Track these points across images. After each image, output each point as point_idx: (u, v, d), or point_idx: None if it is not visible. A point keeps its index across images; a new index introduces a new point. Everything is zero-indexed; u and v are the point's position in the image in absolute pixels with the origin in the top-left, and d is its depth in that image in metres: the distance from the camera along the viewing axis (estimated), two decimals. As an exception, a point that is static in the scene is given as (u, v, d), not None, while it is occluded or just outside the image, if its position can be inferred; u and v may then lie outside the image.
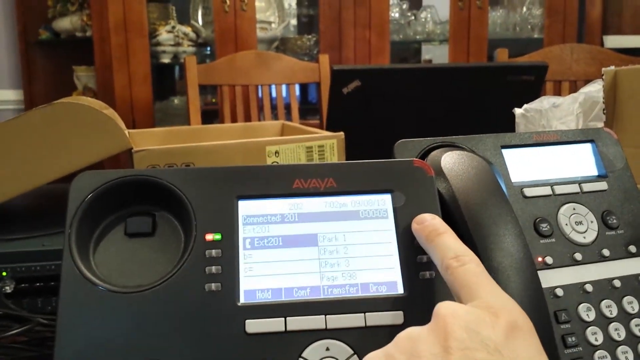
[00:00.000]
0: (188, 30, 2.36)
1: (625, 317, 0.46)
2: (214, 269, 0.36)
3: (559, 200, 0.49)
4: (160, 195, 0.38)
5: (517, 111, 0.71)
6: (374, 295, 0.37)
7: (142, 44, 2.17)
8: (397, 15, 2.46)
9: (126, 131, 0.73)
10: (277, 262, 0.37)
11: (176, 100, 2.44)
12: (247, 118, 1.89)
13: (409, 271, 0.37)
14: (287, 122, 1.04)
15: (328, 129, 1.05)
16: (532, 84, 1.10)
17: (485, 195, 0.41)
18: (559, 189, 0.50)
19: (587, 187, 0.50)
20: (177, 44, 2.33)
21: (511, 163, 0.50)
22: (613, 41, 2.43)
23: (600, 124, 0.66)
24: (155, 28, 2.32)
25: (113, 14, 2.15)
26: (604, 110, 0.65)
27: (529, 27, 2.52)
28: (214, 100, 2.41)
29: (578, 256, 0.47)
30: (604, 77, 0.65)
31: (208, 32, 2.35)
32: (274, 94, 2.00)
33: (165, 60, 2.33)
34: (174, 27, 2.31)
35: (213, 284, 0.36)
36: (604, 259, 0.48)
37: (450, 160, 0.45)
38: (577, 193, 0.50)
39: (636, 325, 0.46)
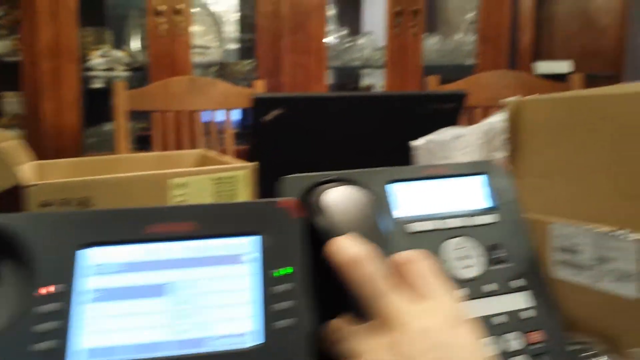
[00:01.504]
0: (122, 54, 2.32)
1: (508, 354, 0.46)
2: (46, 326, 0.34)
3: (445, 234, 0.49)
4: (4, 242, 0.36)
5: (416, 143, 0.71)
6: (227, 349, 0.35)
7: (72, 69, 2.12)
8: (335, 41, 2.48)
9: (28, 164, 0.70)
10: (124, 315, 0.35)
11: (109, 126, 2.38)
12: (180, 145, 1.86)
13: (267, 320, 0.36)
14: (206, 151, 1.02)
15: (251, 158, 1.04)
16: (451, 112, 1.11)
17: (358, 232, 0.40)
18: (445, 223, 0.49)
19: (475, 220, 0.50)
20: (111, 69, 2.28)
21: (396, 198, 0.49)
22: (543, 67, 2.51)
23: (503, 154, 0.67)
24: (88, 52, 2.27)
25: (44, 38, 2.09)
26: (506, 140, 0.66)
27: (463, 53, 2.58)
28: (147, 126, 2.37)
29: (462, 292, 0.47)
30: (507, 107, 0.66)
31: (142, 56, 2.31)
32: (215, 119, 1.97)
33: (98, 85, 2.28)
34: (107, 52, 2.27)
35: (44, 343, 0.33)
36: (490, 293, 0.48)
37: (330, 197, 0.44)
38: (465, 227, 0.50)
39: (517, 364, 0.45)
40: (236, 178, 0.76)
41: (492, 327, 0.46)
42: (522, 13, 2.53)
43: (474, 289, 0.47)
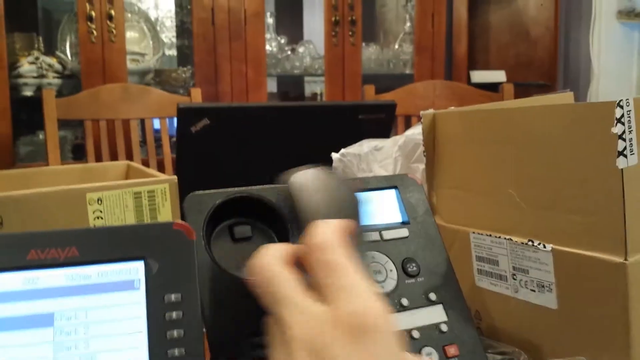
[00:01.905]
0: (53, 61, 2.24)
1: (422, 370, 0.46)
2: None
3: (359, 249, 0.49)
4: None
5: (334, 156, 0.70)
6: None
7: (1, 76, 2.03)
8: (274, 49, 2.47)
9: None
10: (4, 348, 0.32)
11: (42, 135, 2.30)
12: (114, 155, 1.81)
13: (158, 349, 0.34)
14: (132, 163, 0.99)
15: (177, 171, 1.02)
16: (382, 121, 1.12)
17: None
18: (359, 238, 0.49)
19: (387, 234, 0.50)
20: (42, 76, 2.20)
21: (311, 213, 0.49)
22: (478, 76, 2.58)
23: (422, 166, 0.67)
24: (18, 59, 2.19)
25: (-32, 44, 2.00)
26: (424, 152, 0.66)
27: (401, 63, 2.62)
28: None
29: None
30: (422, 120, 0.66)
31: (75, 63, 2.24)
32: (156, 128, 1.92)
33: (28, 93, 2.19)
34: (37, 58, 2.19)
35: None
36: (403, 308, 0.48)
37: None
38: (377, 241, 0.50)
39: (433, 378, 0.45)
40: (156, 192, 0.74)
41: (408, 341, 0.46)
42: (456, 23, 2.59)
43: (390, 303, 0.47)
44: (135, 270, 0.35)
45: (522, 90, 2.25)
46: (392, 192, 0.53)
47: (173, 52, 2.62)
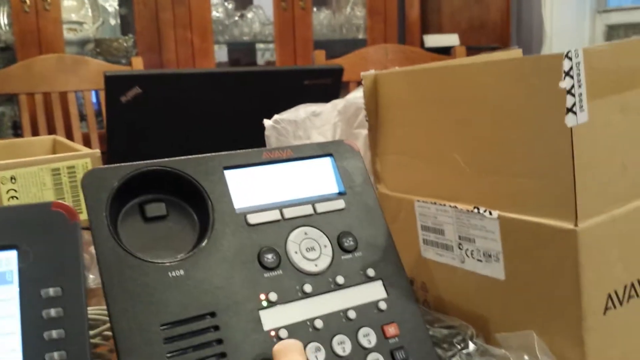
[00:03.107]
0: (-15, 32, 2.10)
1: (360, 353, 0.42)
2: None
3: (289, 225, 0.44)
4: None
5: (267, 122, 0.65)
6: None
7: None
8: (221, 15, 2.37)
9: None
10: None
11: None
12: (52, 129, 1.71)
13: (34, 352, 0.29)
14: (59, 137, 0.91)
15: (109, 144, 0.95)
16: (329, 87, 1.07)
17: None
18: (289, 212, 0.44)
19: (321, 207, 0.45)
20: (-27, 48, 2.07)
21: (235, 186, 0.44)
22: (432, 40, 2.54)
23: (365, 132, 0.63)
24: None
25: None
26: (366, 117, 0.62)
27: (354, 28, 2.55)
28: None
29: (308, 287, 0.42)
30: (363, 82, 0.62)
31: (9, 35, 2.11)
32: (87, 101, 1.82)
33: (-41, 66, 2.06)
34: (-33, 29, 2.05)
35: None
36: (339, 287, 0.43)
37: None
38: (310, 215, 0.45)
39: (373, 360, 0.41)
40: (77, 168, 0.67)
41: (345, 323, 0.42)
42: (409, -14, 2.54)
43: (322, 282, 0.43)
44: (7, 260, 0.30)
45: (474, 53, 2.23)
46: (326, 160, 0.48)
47: (117, 20, 2.49)
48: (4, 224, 0.30)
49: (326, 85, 1.07)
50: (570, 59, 0.41)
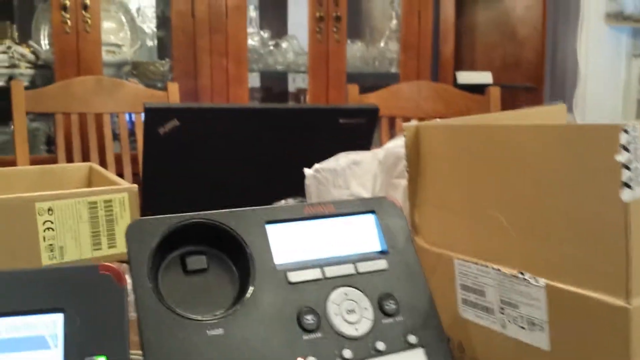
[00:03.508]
0: (26, 51, 2.15)
1: (397, 423, 0.40)
2: None
3: (330, 284, 0.43)
4: None
5: (307, 172, 0.64)
6: None
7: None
8: (256, 44, 2.40)
9: None
10: None
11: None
12: (85, 150, 1.73)
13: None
14: (95, 165, 0.92)
15: (144, 175, 0.95)
16: (364, 126, 1.06)
17: None
18: (331, 271, 0.43)
19: (363, 267, 0.45)
20: (13, 66, 2.11)
21: (276, 241, 0.43)
22: (464, 77, 2.53)
23: (404, 182, 0.62)
24: (-10, 47, 2.10)
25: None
26: (407, 167, 0.61)
27: (387, 61, 2.56)
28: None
29: (347, 353, 0.41)
30: (404, 133, 0.61)
31: (49, 54, 2.16)
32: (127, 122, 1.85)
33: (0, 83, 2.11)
34: (9, 47, 2.10)
35: None
36: (379, 353, 0.42)
37: None
38: (352, 275, 0.44)
39: None
40: (114, 202, 0.67)
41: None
42: (443, 22, 2.54)
43: (362, 347, 0.42)
44: (53, 324, 0.29)
45: (508, 93, 2.21)
46: (369, 217, 0.47)
47: (155, 42, 2.53)
48: (51, 285, 0.30)
49: (361, 125, 1.06)
50: (628, 132, 0.40)
